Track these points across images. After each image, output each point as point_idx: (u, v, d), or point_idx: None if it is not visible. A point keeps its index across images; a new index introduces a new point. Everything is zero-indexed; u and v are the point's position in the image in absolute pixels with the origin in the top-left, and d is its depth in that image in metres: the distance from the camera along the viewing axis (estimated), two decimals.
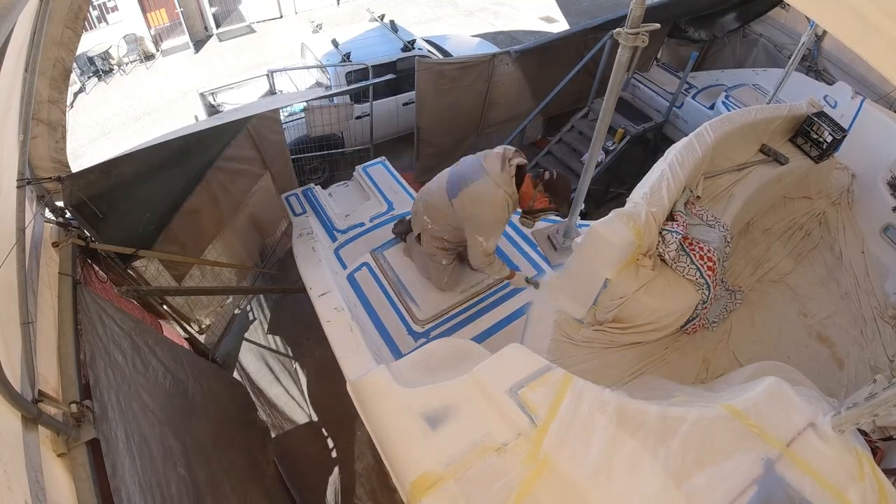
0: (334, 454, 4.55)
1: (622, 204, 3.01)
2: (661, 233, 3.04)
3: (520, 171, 2.90)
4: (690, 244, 3.17)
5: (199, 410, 2.82)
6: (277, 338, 5.46)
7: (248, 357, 5.15)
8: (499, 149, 2.98)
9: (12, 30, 1.70)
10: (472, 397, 2.17)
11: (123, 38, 9.66)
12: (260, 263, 5.42)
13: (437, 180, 3.15)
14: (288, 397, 4.89)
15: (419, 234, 3.30)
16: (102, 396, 1.92)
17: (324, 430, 4.70)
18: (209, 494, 2.38)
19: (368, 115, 6.60)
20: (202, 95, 6.41)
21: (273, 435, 4.36)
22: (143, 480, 1.90)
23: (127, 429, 1.99)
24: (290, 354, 5.29)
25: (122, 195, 3.25)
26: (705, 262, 3.10)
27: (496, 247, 3.03)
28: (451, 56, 7.60)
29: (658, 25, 2.56)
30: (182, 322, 3.92)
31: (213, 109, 6.37)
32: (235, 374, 4.71)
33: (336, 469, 4.43)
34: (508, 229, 3.93)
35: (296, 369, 5.17)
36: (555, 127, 7.69)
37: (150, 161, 3.41)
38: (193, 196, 3.96)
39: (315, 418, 4.77)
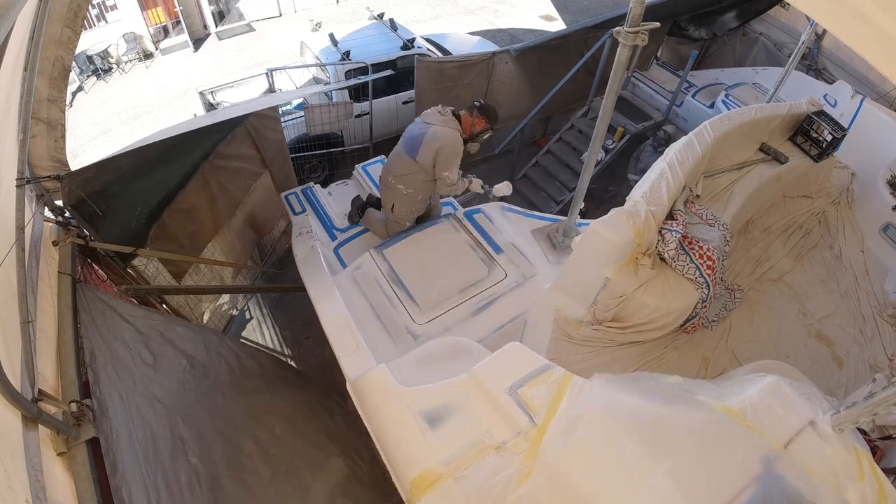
0: None
1: (622, 203, 3.01)
2: (660, 232, 3.04)
3: (454, 113, 3.55)
4: (690, 243, 3.17)
5: (226, 388, 2.80)
6: (277, 337, 5.46)
7: None
8: (430, 108, 3.61)
9: (12, 29, 1.70)
10: (471, 396, 2.17)
11: (122, 36, 9.63)
12: (259, 262, 5.42)
13: (393, 155, 3.68)
14: None
15: (393, 206, 3.76)
16: (103, 394, 1.92)
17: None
18: (230, 477, 2.37)
19: (368, 113, 6.59)
20: (201, 94, 6.40)
21: None
22: (146, 476, 1.90)
23: (130, 425, 1.99)
24: (290, 354, 5.29)
25: (121, 192, 3.25)
26: (705, 261, 3.10)
27: (458, 174, 3.58)
28: (451, 54, 7.59)
29: (658, 24, 2.55)
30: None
31: (212, 108, 6.36)
32: None
33: None
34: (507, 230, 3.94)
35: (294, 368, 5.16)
36: (554, 125, 7.69)
37: (147, 157, 3.41)
38: (191, 193, 3.96)
39: None
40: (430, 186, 3.66)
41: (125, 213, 3.36)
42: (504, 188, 3.85)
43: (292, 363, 5.16)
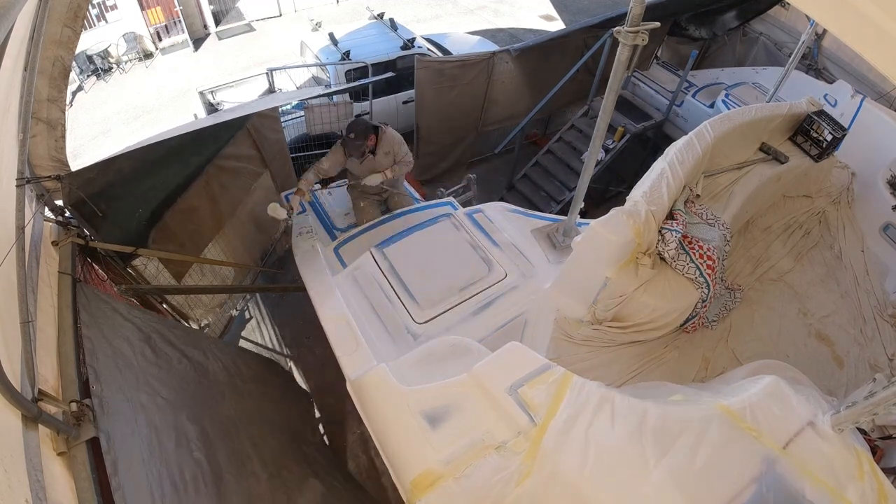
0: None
1: (622, 202, 3.01)
2: (660, 231, 3.04)
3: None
4: (690, 243, 3.17)
5: (224, 389, 2.82)
6: (277, 337, 5.46)
7: None
8: None
9: (11, 28, 1.70)
10: (471, 396, 2.17)
11: (123, 36, 9.63)
12: (259, 262, 5.42)
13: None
14: None
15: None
16: (104, 393, 1.92)
17: (321, 428, 4.70)
18: (231, 473, 2.38)
19: (368, 113, 6.59)
20: (201, 94, 6.39)
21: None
22: (150, 472, 1.90)
23: (133, 421, 1.99)
24: (290, 353, 5.29)
25: (121, 193, 3.25)
26: (705, 261, 3.10)
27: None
28: (451, 54, 7.59)
29: (658, 24, 2.55)
30: (182, 320, 3.92)
31: (212, 108, 6.35)
32: None
33: None
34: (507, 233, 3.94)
35: (294, 368, 5.16)
36: (554, 125, 7.69)
37: (148, 159, 3.41)
38: (192, 194, 3.96)
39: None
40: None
41: (126, 214, 3.36)
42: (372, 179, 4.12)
43: (291, 364, 5.17)
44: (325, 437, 3.88)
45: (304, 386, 5.00)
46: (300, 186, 3.85)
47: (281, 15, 11.92)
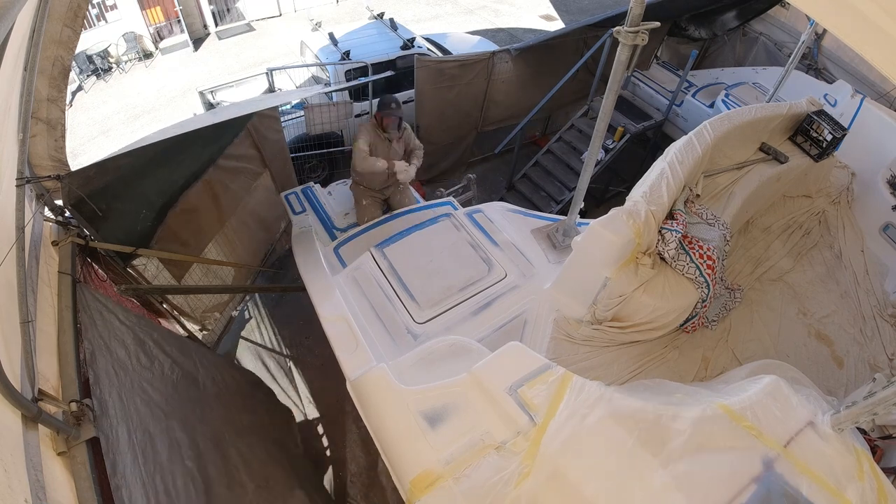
0: (328, 453, 4.56)
1: (622, 202, 3.01)
2: (660, 231, 3.04)
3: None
4: (690, 243, 3.17)
5: (212, 400, 2.83)
6: (276, 336, 5.46)
7: (246, 356, 5.15)
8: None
9: (11, 28, 1.70)
10: (471, 396, 2.17)
11: (122, 36, 9.63)
12: (259, 262, 5.42)
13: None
14: (285, 397, 4.90)
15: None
16: (103, 394, 1.92)
17: (320, 428, 4.70)
18: (220, 484, 2.38)
19: (368, 113, 6.59)
20: (201, 94, 6.40)
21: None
22: (145, 477, 1.90)
23: (129, 426, 1.99)
24: (290, 353, 5.29)
25: (121, 193, 3.24)
26: (705, 261, 3.10)
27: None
28: (451, 54, 7.59)
29: (658, 24, 2.55)
30: (182, 320, 3.92)
31: (211, 108, 6.35)
32: None
33: (330, 468, 4.44)
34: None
35: (293, 368, 5.16)
36: (554, 125, 7.69)
37: (147, 157, 3.40)
38: (192, 194, 3.96)
39: (312, 417, 4.78)
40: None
41: (126, 213, 3.36)
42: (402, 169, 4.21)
43: (291, 364, 5.17)
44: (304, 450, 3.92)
45: (302, 385, 5.00)
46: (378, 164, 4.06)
47: (281, 15, 11.92)
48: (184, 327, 3.93)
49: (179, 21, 10.34)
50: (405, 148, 4.29)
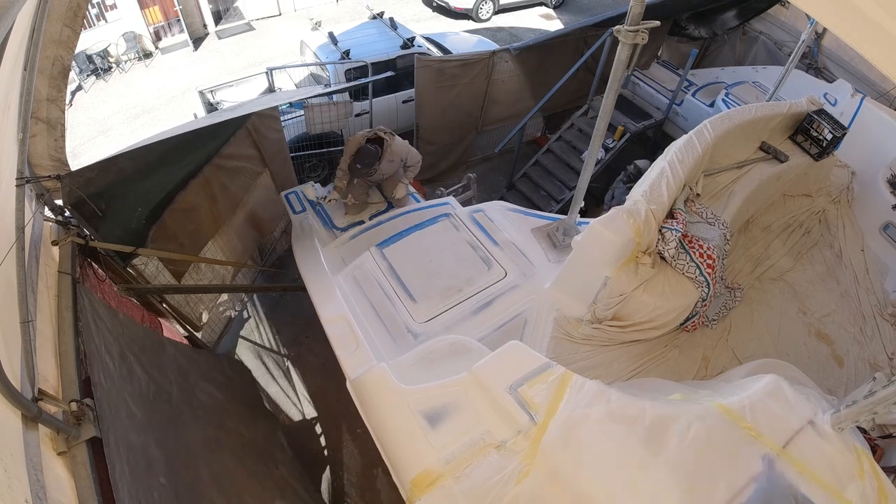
0: (327, 453, 4.56)
1: (622, 202, 3.01)
2: (660, 230, 3.04)
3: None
4: (690, 242, 3.17)
5: (186, 418, 2.78)
6: (276, 336, 5.46)
7: (246, 356, 5.15)
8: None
9: (11, 28, 1.70)
10: (471, 395, 2.17)
11: (122, 35, 9.62)
12: (259, 261, 5.42)
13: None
14: (284, 396, 4.90)
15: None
16: (100, 396, 1.92)
17: (319, 428, 4.70)
18: (190, 501, 2.37)
19: (368, 112, 6.59)
20: (201, 93, 6.39)
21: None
22: (131, 488, 1.90)
23: (116, 435, 1.98)
24: (290, 353, 5.29)
25: (121, 193, 3.24)
26: (705, 260, 3.10)
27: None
28: (451, 53, 7.58)
29: (658, 23, 2.55)
30: (182, 320, 3.92)
31: (212, 107, 6.35)
32: None
33: (328, 468, 4.44)
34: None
35: (292, 368, 5.16)
36: (555, 124, 7.69)
37: (148, 158, 3.40)
38: (191, 193, 3.95)
39: (311, 417, 4.78)
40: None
41: (126, 213, 3.36)
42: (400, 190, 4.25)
43: (290, 364, 5.17)
44: (292, 454, 3.88)
45: (302, 384, 5.00)
46: (338, 184, 4.11)
47: (280, 14, 11.91)
48: (184, 327, 3.93)
49: (179, 20, 10.33)
50: (398, 158, 4.08)
